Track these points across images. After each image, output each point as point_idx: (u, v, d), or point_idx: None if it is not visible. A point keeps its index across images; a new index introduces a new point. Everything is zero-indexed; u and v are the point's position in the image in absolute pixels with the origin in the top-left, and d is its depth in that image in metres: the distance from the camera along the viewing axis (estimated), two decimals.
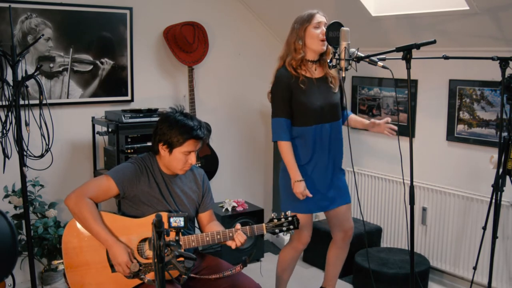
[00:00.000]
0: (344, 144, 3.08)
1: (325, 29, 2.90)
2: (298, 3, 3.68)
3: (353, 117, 3.21)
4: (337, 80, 3.02)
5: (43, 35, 3.54)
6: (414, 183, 2.54)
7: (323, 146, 2.96)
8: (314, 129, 2.92)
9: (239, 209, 4.11)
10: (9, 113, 2.99)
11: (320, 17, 2.92)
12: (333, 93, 3.00)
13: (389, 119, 3.08)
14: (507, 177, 2.81)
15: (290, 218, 2.51)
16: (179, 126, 2.46)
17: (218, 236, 2.45)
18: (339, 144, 3.05)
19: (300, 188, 2.88)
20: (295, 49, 2.91)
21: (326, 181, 3.00)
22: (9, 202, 3.47)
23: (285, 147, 2.91)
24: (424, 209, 3.80)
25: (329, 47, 2.93)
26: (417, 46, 2.42)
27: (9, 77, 3.03)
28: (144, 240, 2.46)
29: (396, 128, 3.09)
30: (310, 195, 2.90)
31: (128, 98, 4.03)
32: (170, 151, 2.48)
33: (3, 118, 3.02)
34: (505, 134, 2.78)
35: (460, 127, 3.58)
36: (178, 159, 2.49)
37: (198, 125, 2.50)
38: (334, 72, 3.00)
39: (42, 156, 3.10)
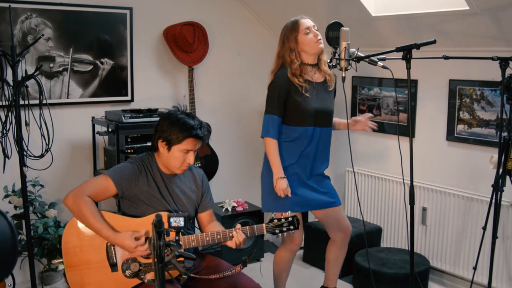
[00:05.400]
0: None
1: (316, 31, 2.90)
2: (297, 3, 3.69)
3: (335, 120, 3.18)
4: (332, 77, 3.03)
5: (43, 35, 3.54)
6: (414, 183, 2.54)
7: (311, 149, 2.97)
8: (307, 131, 2.93)
9: (239, 209, 4.11)
10: (9, 113, 2.99)
11: (306, 22, 2.91)
12: (329, 98, 3.02)
13: (370, 114, 3.08)
14: (507, 177, 2.81)
15: (290, 219, 2.51)
16: (180, 124, 2.47)
17: (218, 236, 2.46)
18: (327, 150, 3.05)
19: (283, 185, 2.89)
20: (291, 61, 2.91)
21: (311, 181, 3.00)
22: (9, 202, 3.47)
23: (273, 144, 2.91)
24: (424, 209, 3.80)
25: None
26: (417, 46, 2.43)
27: (9, 77, 3.03)
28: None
29: (376, 125, 3.11)
30: (289, 194, 2.91)
31: (128, 98, 4.03)
32: (169, 148, 2.49)
33: (3, 118, 3.02)
34: (505, 134, 2.78)
35: (460, 127, 3.58)
36: (176, 157, 2.49)
37: (199, 125, 2.51)
38: (329, 70, 3.00)
39: (42, 156, 3.10)
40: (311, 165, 2.99)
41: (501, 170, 2.81)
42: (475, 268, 3.07)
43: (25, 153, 3.03)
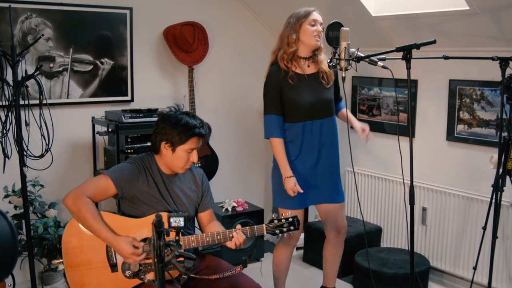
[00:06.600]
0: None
1: (320, 28, 2.91)
2: (297, 3, 3.67)
3: (344, 112, 3.17)
4: (330, 75, 3.01)
5: (43, 35, 3.54)
6: (414, 183, 2.54)
7: (313, 142, 2.96)
8: (303, 126, 2.93)
9: (239, 209, 4.11)
10: (9, 113, 2.99)
11: (316, 15, 2.92)
12: (325, 89, 3.00)
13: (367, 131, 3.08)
14: (507, 177, 2.81)
15: (290, 219, 2.51)
16: (182, 124, 2.48)
17: (218, 237, 2.46)
18: (333, 140, 3.04)
19: (290, 183, 2.90)
20: (288, 43, 2.91)
21: (316, 176, 3.00)
22: (9, 202, 3.47)
23: (277, 144, 2.93)
24: (424, 209, 3.80)
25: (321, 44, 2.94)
26: (417, 46, 2.43)
27: (9, 77, 3.04)
28: (144, 240, 2.46)
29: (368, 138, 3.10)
30: (301, 191, 2.91)
31: (128, 98, 4.03)
32: (173, 149, 2.49)
33: (3, 118, 3.02)
34: (505, 134, 2.78)
35: (460, 127, 3.57)
36: (180, 157, 2.50)
37: (200, 123, 2.53)
38: (327, 68, 2.99)
39: (42, 156, 3.10)
40: (316, 158, 2.99)
41: (501, 170, 2.81)
42: (475, 268, 3.07)
43: (25, 153, 3.03)
